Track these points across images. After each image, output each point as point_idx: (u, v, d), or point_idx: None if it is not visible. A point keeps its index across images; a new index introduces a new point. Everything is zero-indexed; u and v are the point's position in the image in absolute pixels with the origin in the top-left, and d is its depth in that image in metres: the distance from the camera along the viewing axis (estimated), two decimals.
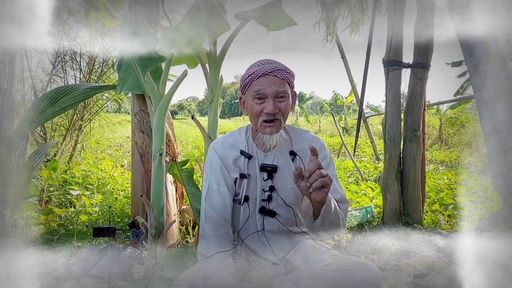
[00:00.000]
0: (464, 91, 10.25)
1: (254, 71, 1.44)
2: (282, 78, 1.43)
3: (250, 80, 1.45)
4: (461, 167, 6.93)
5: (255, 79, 1.43)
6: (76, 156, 5.76)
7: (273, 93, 1.42)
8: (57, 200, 3.82)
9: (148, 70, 2.32)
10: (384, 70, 3.29)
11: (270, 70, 1.42)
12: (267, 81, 1.42)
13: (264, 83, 1.42)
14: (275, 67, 1.43)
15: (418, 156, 3.23)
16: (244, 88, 1.49)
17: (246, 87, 1.48)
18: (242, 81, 1.49)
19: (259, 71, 1.43)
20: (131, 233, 2.22)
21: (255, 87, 1.43)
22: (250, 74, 1.45)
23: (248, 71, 1.48)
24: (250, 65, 1.51)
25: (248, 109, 1.49)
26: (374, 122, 13.62)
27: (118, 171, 5.11)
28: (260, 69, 1.43)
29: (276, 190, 1.51)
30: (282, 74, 1.44)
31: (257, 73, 1.43)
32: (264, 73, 1.42)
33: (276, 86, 1.42)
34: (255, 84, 1.43)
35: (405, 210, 3.22)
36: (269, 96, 1.42)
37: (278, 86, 1.42)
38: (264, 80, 1.42)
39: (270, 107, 1.41)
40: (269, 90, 1.41)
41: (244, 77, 1.48)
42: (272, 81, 1.42)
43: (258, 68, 1.44)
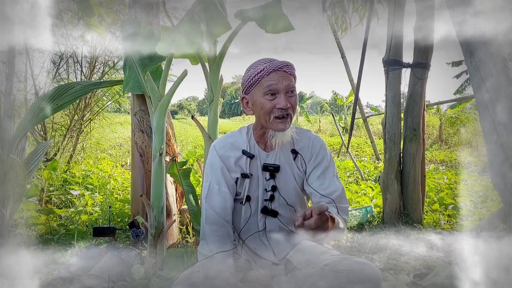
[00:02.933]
0: (464, 90, 10.25)
1: (263, 67, 1.43)
2: (290, 74, 1.45)
3: (259, 77, 1.43)
4: (461, 167, 6.93)
5: (265, 75, 1.42)
6: (76, 156, 5.76)
7: (285, 88, 1.42)
8: (57, 200, 3.82)
9: (148, 70, 2.32)
10: (384, 70, 3.29)
11: (280, 65, 1.43)
12: (278, 76, 1.42)
13: (275, 78, 1.42)
14: (283, 63, 1.44)
15: (418, 156, 3.23)
16: (250, 87, 1.47)
17: (253, 85, 1.46)
18: (247, 81, 1.47)
19: (268, 67, 1.43)
20: (131, 233, 2.22)
21: (265, 83, 1.42)
22: (259, 71, 1.43)
23: (253, 69, 1.46)
24: (252, 64, 1.49)
25: (257, 107, 1.47)
26: (374, 122, 13.62)
27: (118, 171, 5.12)
28: (269, 65, 1.43)
29: (278, 190, 1.51)
30: (290, 69, 1.45)
31: (267, 69, 1.43)
32: (275, 69, 1.42)
33: (287, 80, 1.43)
34: (266, 80, 1.42)
35: (405, 210, 3.22)
36: (281, 91, 1.42)
37: (289, 81, 1.43)
38: (275, 76, 1.42)
39: (283, 102, 1.41)
40: (281, 85, 1.41)
41: (251, 76, 1.46)
42: (283, 76, 1.42)
43: (266, 65, 1.43)
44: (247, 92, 1.50)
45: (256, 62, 1.49)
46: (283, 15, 2.24)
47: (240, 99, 1.56)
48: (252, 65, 1.50)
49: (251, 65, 1.50)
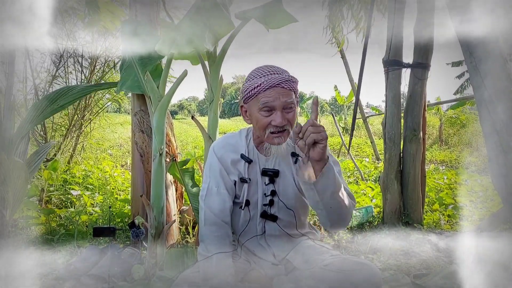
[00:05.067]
0: (464, 89, 10.25)
1: (260, 83, 1.38)
2: (289, 89, 1.39)
3: (256, 92, 1.38)
4: (461, 167, 6.93)
5: (262, 91, 1.37)
6: (76, 156, 5.76)
7: (281, 105, 1.37)
8: (57, 200, 3.82)
9: (147, 70, 2.32)
10: (384, 70, 3.29)
11: (277, 82, 1.37)
12: (275, 93, 1.36)
13: (272, 95, 1.36)
14: (282, 78, 1.37)
15: (418, 156, 3.23)
16: (248, 99, 1.43)
17: (250, 98, 1.42)
18: (245, 92, 1.43)
19: (265, 83, 1.37)
20: (131, 233, 2.22)
21: (261, 99, 1.37)
22: (256, 86, 1.38)
23: (252, 82, 1.41)
24: (253, 73, 1.45)
25: (254, 120, 1.44)
26: (374, 122, 13.62)
27: (118, 171, 5.12)
28: (266, 80, 1.37)
29: (277, 195, 1.50)
30: (289, 84, 1.39)
31: (263, 85, 1.37)
32: (272, 85, 1.37)
33: (284, 97, 1.37)
34: (262, 96, 1.37)
35: (405, 210, 3.22)
36: (277, 108, 1.37)
37: (286, 98, 1.37)
38: (271, 92, 1.36)
39: (279, 119, 1.36)
40: (277, 102, 1.36)
41: (248, 89, 1.41)
42: (280, 93, 1.37)
43: (264, 79, 1.38)
44: (245, 102, 1.46)
45: (257, 70, 1.44)
46: (284, 11, 2.24)
47: (239, 107, 1.52)
48: (252, 74, 1.45)
49: (251, 74, 1.45)
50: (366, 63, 3.78)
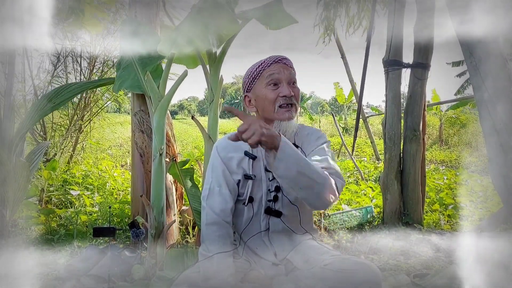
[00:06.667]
0: (464, 90, 10.25)
1: (264, 61, 1.48)
2: (291, 66, 1.49)
3: (261, 70, 1.47)
4: (461, 167, 6.93)
5: (266, 67, 1.47)
6: (76, 156, 5.76)
7: (287, 78, 1.46)
8: (57, 200, 3.82)
9: (148, 70, 2.32)
10: (384, 70, 3.29)
11: (279, 58, 1.48)
12: (279, 67, 1.46)
13: (277, 68, 1.46)
14: (282, 56, 1.49)
15: (418, 156, 3.23)
16: (252, 83, 1.50)
17: (255, 79, 1.49)
18: (248, 77, 1.51)
19: (269, 60, 1.47)
20: (131, 233, 2.22)
21: (267, 74, 1.46)
22: (260, 64, 1.48)
23: (254, 66, 1.51)
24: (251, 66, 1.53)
25: (261, 99, 1.47)
26: (374, 122, 13.62)
27: (118, 171, 5.11)
28: (269, 58, 1.48)
29: (282, 190, 1.51)
30: (289, 62, 1.50)
31: (267, 62, 1.47)
32: (275, 61, 1.47)
33: (289, 70, 1.47)
34: (267, 71, 1.46)
35: (405, 210, 3.22)
36: (283, 81, 1.45)
37: (290, 72, 1.47)
38: (276, 66, 1.46)
39: (287, 91, 1.43)
40: (283, 74, 1.45)
41: (252, 71, 1.50)
42: (284, 67, 1.47)
43: (266, 59, 1.48)
44: (249, 90, 1.52)
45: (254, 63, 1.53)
46: (284, 12, 2.24)
47: (243, 99, 1.57)
48: (251, 66, 1.54)
49: (251, 67, 1.54)
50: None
